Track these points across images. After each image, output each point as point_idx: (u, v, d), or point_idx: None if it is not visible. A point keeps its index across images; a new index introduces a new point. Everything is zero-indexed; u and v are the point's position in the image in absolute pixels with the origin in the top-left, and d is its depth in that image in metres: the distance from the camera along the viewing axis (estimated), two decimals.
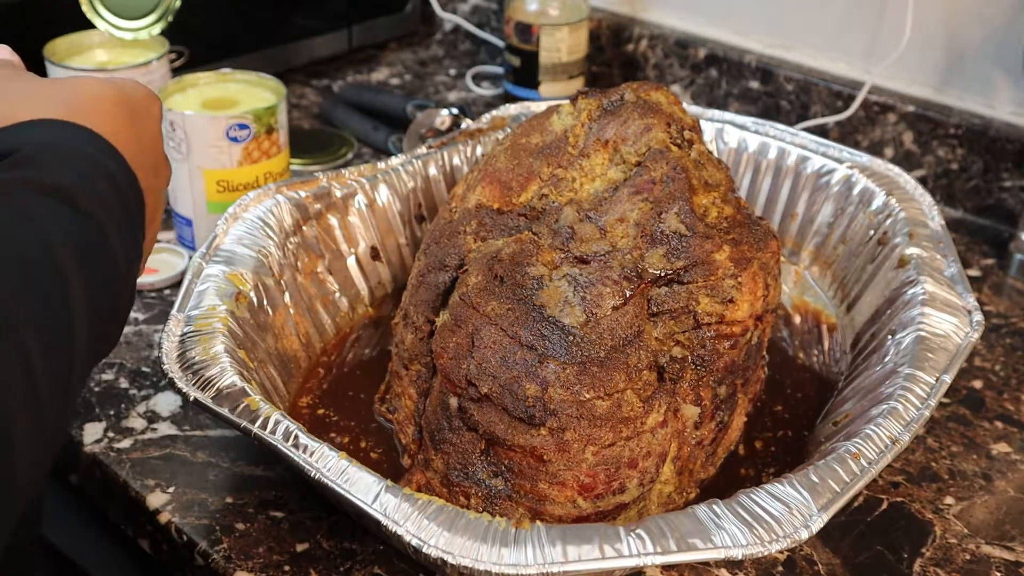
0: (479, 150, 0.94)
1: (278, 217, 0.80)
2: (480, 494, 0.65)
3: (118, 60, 1.00)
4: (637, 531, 0.56)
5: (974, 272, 1.00)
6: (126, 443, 0.75)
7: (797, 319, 0.91)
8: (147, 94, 0.57)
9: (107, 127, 0.52)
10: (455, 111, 1.11)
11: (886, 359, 0.72)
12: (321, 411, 0.78)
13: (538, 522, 0.58)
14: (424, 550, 0.55)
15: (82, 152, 0.49)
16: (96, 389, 0.80)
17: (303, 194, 0.83)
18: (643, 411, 0.64)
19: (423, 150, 0.92)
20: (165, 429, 0.77)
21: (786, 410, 0.80)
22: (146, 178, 0.54)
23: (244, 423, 0.61)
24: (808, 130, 1.16)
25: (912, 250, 0.80)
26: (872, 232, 0.87)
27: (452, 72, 1.41)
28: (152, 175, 0.56)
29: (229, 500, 0.70)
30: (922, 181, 1.11)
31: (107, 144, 0.51)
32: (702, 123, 0.97)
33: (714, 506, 0.58)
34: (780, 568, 0.67)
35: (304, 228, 0.82)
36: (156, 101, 0.58)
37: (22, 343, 0.39)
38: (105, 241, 0.47)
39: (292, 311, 0.79)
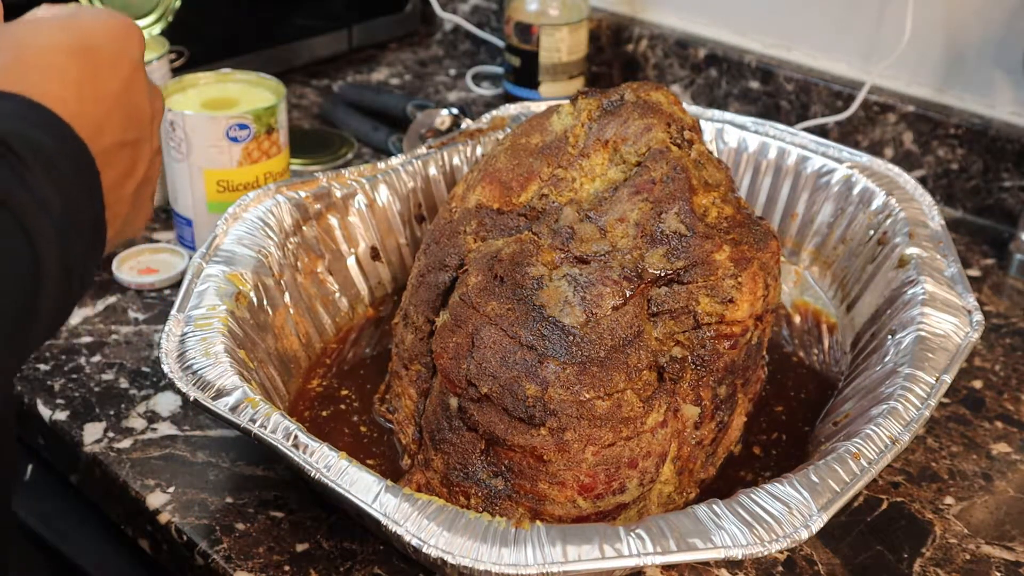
0: (479, 150, 0.94)
1: (278, 217, 0.80)
2: (480, 494, 0.65)
3: None
4: (637, 531, 0.56)
5: (974, 272, 1.00)
6: (126, 443, 0.75)
7: (797, 319, 0.91)
8: (117, 33, 0.52)
9: (53, 84, 0.47)
10: (455, 111, 1.11)
11: (886, 359, 0.72)
12: (324, 413, 0.78)
13: (538, 522, 0.58)
14: (424, 550, 0.55)
15: None
16: (96, 389, 0.80)
17: (303, 194, 0.83)
18: (643, 411, 0.64)
19: (423, 150, 0.92)
20: (165, 429, 0.77)
21: (786, 410, 0.80)
22: (112, 133, 0.50)
23: (244, 423, 0.61)
24: (808, 130, 1.16)
25: (912, 250, 0.80)
26: (872, 232, 0.87)
27: (452, 72, 1.41)
28: (121, 129, 0.51)
29: (229, 500, 0.70)
30: (922, 181, 1.11)
31: (41, 113, 0.46)
32: (702, 123, 0.97)
33: (714, 506, 0.58)
34: (780, 568, 0.67)
35: (304, 228, 0.82)
36: (132, 34, 0.52)
37: None
38: None
39: (292, 311, 0.79)
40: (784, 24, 1.21)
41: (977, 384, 0.84)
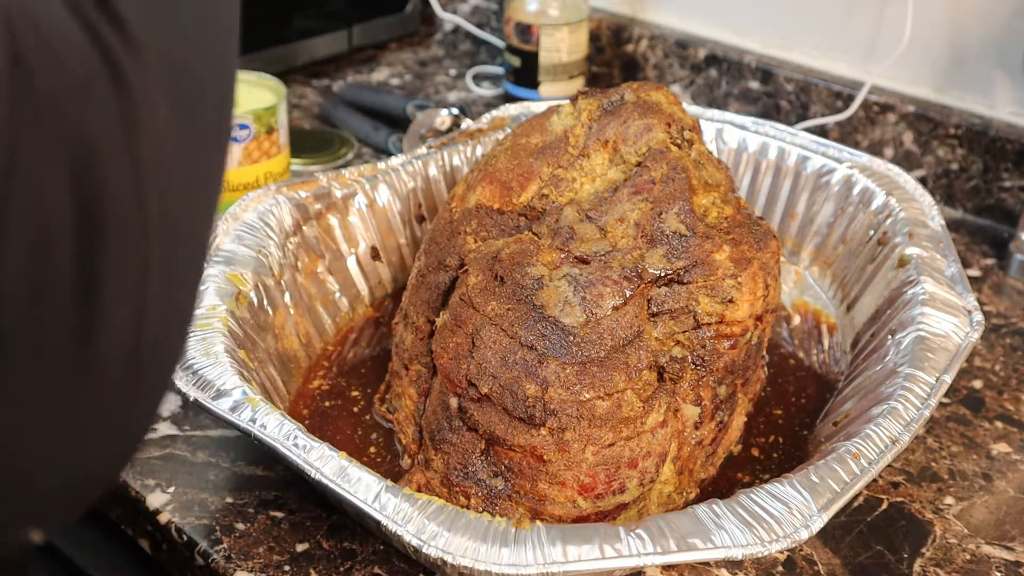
0: (479, 150, 0.94)
1: (278, 217, 0.80)
2: (480, 494, 0.65)
3: None
4: (637, 531, 0.56)
5: (974, 272, 1.00)
6: None
7: (797, 319, 0.91)
8: None
9: None
10: (455, 111, 1.11)
11: (886, 359, 0.72)
12: (327, 403, 0.78)
13: (538, 522, 0.58)
14: (424, 550, 0.55)
15: None
16: None
17: (303, 194, 0.83)
18: (643, 411, 0.64)
19: (423, 150, 0.92)
20: (165, 429, 0.77)
21: (785, 411, 0.80)
22: None
23: (244, 423, 0.61)
24: (808, 130, 1.16)
25: (912, 250, 0.80)
26: (872, 232, 0.87)
27: (452, 72, 1.41)
28: None
29: (229, 500, 0.70)
30: (922, 181, 1.11)
31: None
32: (702, 123, 0.97)
33: (714, 506, 0.58)
34: (780, 568, 0.67)
35: (304, 228, 0.82)
36: None
37: None
38: None
39: (292, 311, 0.79)
40: (784, 24, 1.21)
41: (977, 384, 0.84)
